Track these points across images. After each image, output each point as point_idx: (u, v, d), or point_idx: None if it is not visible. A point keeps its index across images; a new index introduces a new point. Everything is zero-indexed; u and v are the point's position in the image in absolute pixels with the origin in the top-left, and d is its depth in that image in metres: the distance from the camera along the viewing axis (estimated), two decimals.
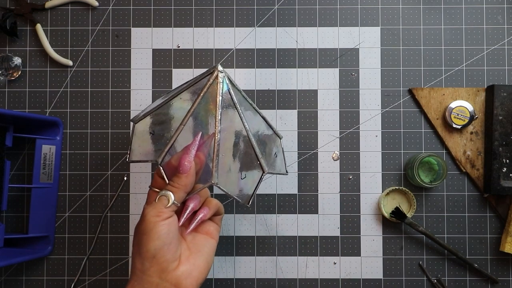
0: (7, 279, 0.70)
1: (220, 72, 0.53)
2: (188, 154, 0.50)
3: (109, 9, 0.72)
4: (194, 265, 0.51)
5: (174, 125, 0.54)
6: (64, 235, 0.70)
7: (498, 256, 0.70)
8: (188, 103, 0.54)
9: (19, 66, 0.71)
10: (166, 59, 0.72)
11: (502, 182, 0.67)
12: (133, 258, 0.51)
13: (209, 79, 0.53)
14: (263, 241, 0.70)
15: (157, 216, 0.49)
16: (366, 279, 0.70)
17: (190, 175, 0.50)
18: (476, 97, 0.70)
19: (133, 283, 0.49)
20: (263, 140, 0.60)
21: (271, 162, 0.60)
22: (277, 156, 0.61)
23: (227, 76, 0.54)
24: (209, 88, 0.53)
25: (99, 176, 0.71)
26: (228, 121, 0.54)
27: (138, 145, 0.56)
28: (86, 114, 0.71)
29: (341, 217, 0.70)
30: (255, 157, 0.56)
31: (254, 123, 0.59)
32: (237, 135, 0.55)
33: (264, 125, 0.61)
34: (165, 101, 0.56)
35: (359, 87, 0.71)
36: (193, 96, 0.54)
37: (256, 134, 0.58)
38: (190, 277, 0.50)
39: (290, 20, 0.72)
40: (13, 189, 0.70)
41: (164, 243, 0.48)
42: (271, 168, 0.58)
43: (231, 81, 0.55)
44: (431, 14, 0.72)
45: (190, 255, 0.52)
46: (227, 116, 0.54)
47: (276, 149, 0.62)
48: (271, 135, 0.62)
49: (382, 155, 0.71)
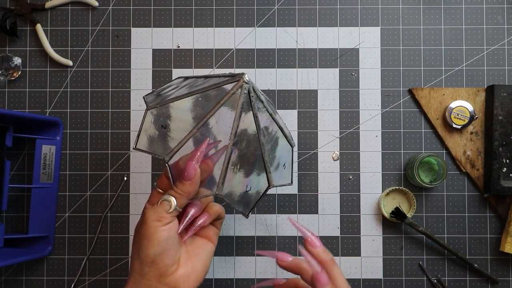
0: (7, 279, 0.70)
1: (246, 83, 0.51)
2: (194, 161, 0.49)
3: (109, 9, 0.72)
4: (192, 269, 0.51)
5: (186, 126, 0.52)
6: (64, 235, 0.70)
7: (498, 256, 0.70)
8: (206, 106, 0.52)
9: (19, 66, 0.71)
10: (166, 59, 0.72)
11: (502, 182, 0.67)
12: (132, 259, 0.51)
13: (233, 87, 0.51)
14: (263, 241, 0.70)
15: (158, 221, 0.49)
16: (366, 279, 0.70)
17: (194, 183, 0.49)
18: (476, 97, 0.70)
19: (131, 285, 0.50)
20: (273, 147, 0.57)
21: (278, 173, 0.58)
22: (285, 167, 0.59)
23: (252, 86, 0.52)
24: (231, 97, 0.51)
25: (99, 176, 0.71)
26: (244, 133, 0.52)
27: (147, 134, 0.53)
28: (86, 114, 0.71)
29: (341, 217, 0.70)
30: (264, 170, 0.55)
31: (269, 132, 0.57)
32: (249, 146, 0.53)
33: (279, 133, 0.58)
34: (183, 96, 0.53)
35: (359, 87, 0.71)
36: (212, 99, 0.52)
37: (269, 142, 0.56)
38: (188, 281, 0.50)
39: (290, 20, 0.72)
40: (13, 189, 0.70)
41: (163, 248, 0.48)
42: (278, 180, 0.57)
43: (256, 91, 0.53)
44: (431, 14, 0.72)
45: (188, 259, 0.52)
46: (243, 127, 0.52)
47: (286, 159, 0.60)
48: (284, 144, 0.60)
49: (382, 155, 0.71)
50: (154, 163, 0.71)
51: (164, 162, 0.51)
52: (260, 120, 0.53)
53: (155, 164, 0.71)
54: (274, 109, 0.61)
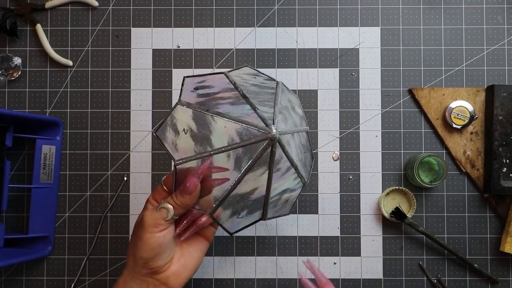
0: (7, 279, 0.70)
1: (274, 144, 0.49)
2: (196, 177, 0.50)
3: (109, 9, 0.72)
4: (184, 266, 0.53)
5: (205, 146, 0.51)
6: (64, 235, 0.70)
7: (498, 256, 0.70)
8: (228, 137, 0.50)
9: (19, 66, 0.71)
10: (166, 59, 0.72)
11: (502, 182, 0.67)
12: (128, 253, 0.53)
13: (262, 147, 0.49)
14: (263, 241, 0.70)
15: (154, 227, 0.50)
16: (366, 279, 0.70)
17: (193, 198, 0.50)
18: (476, 97, 0.70)
19: (125, 277, 0.52)
20: (282, 188, 0.55)
21: (277, 208, 0.57)
22: (287, 202, 0.58)
23: (281, 144, 0.50)
24: (258, 153, 0.50)
25: (99, 176, 0.71)
26: (256, 178, 0.51)
27: (168, 129, 0.52)
28: (86, 114, 0.71)
29: (341, 217, 0.70)
30: (262, 207, 0.54)
31: (282, 173, 0.55)
32: (255, 189, 0.53)
33: (294, 174, 0.55)
34: (213, 114, 0.51)
35: (359, 87, 0.71)
36: (237, 138, 0.50)
37: (278, 184, 0.54)
38: (179, 278, 0.52)
39: (290, 20, 0.72)
40: (13, 189, 0.70)
41: (156, 253, 0.50)
42: (273, 214, 0.56)
43: (283, 147, 0.51)
44: (431, 14, 0.72)
45: (181, 257, 0.53)
46: (257, 173, 0.51)
47: (290, 195, 0.57)
48: (295, 183, 0.57)
49: (382, 155, 0.71)
50: (154, 163, 0.71)
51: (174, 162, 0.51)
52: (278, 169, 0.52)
53: (155, 164, 0.71)
54: (307, 143, 0.59)
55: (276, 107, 0.53)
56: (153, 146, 0.71)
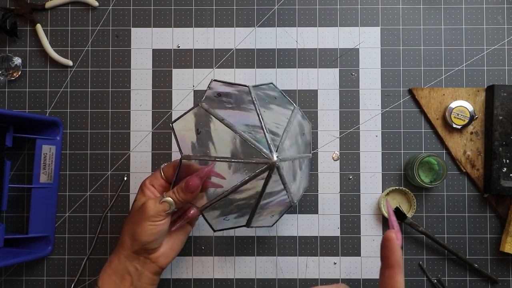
0: (7, 279, 0.70)
1: (272, 169, 0.54)
2: (199, 179, 0.55)
3: (109, 9, 0.72)
4: (171, 248, 0.59)
5: (213, 151, 0.56)
6: (64, 235, 0.70)
7: (498, 256, 0.70)
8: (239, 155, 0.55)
9: (19, 66, 0.71)
10: (166, 59, 0.72)
11: (502, 182, 0.67)
12: (123, 234, 0.57)
13: (261, 169, 0.54)
14: (263, 241, 0.70)
15: (155, 217, 0.55)
16: (366, 279, 0.70)
17: (193, 196, 0.56)
18: (476, 97, 0.70)
19: (119, 256, 0.57)
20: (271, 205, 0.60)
21: (262, 219, 0.61)
22: (272, 217, 0.62)
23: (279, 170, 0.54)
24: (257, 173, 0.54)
25: (99, 176, 0.71)
26: (249, 190, 0.56)
27: (184, 124, 0.57)
28: (86, 114, 0.71)
29: (341, 217, 0.70)
30: (248, 216, 0.59)
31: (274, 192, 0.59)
32: (246, 199, 0.57)
33: (285, 195, 0.59)
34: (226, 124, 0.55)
35: (359, 87, 0.71)
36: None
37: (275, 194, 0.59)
38: (167, 257, 0.59)
39: (290, 20, 0.72)
40: (13, 189, 0.70)
41: (154, 238, 0.56)
42: (257, 223, 0.61)
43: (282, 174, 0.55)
44: (431, 14, 0.72)
45: (170, 239, 0.59)
46: (251, 186, 0.56)
47: (276, 211, 0.61)
48: (284, 199, 0.60)
49: (382, 155, 0.71)
50: (154, 164, 0.71)
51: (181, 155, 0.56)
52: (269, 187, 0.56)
53: (155, 164, 0.71)
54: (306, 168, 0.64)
55: (285, 133, 0.57)
56: (153, 146, 0.71)
